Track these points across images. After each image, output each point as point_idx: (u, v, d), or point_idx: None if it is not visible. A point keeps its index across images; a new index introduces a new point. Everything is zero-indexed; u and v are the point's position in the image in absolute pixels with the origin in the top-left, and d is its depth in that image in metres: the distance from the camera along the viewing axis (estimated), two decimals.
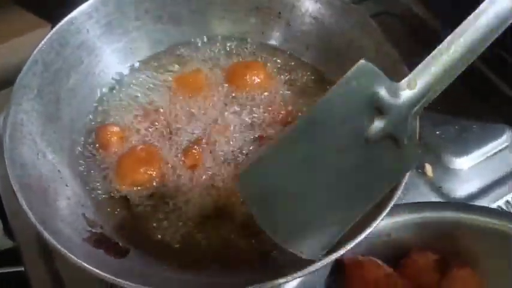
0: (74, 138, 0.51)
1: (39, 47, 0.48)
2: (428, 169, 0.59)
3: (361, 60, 0.37)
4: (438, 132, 0.62)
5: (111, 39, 0.56)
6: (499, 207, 0.56)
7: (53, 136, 0.48)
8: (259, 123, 0.53)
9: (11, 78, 0.46)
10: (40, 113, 0.47)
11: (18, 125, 0.44)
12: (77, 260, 0.36)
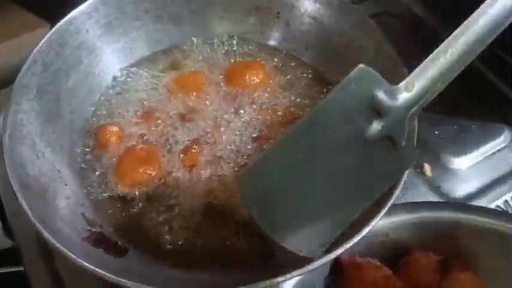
0: (73, 138, 0.51)
1: (38, 47, 0.48)
2: (427, 169, 0.59)
3: (360, 65, 0.38)
4: (437, 132, 0.62)
5: (111, 39, 0.56)
6: (497, 207, 0.56)
7: (53, 136, 0.48)
8: (258, 123, 0.53)
9: (10, 78, 0.46)
10: (39, 113, 0.47)
11: (17, 124, 0.44)
12: (76, 258, 0.36)
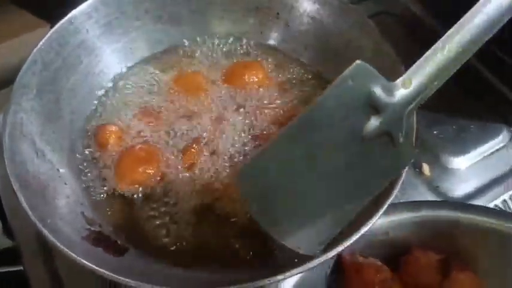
0: (73, 137, 0.51)
1: (38, 47, 0.48)
2: (426, 168, 0.59)
3: (357, 61, 0.38)
4: (436, 131, 0.62)
5: (111, 39, 0.56)
6: (496, 207, 0.56)
7: (52, 136, 0.48)
8: (258, 122, 0.53)
9: (10, 78, 0.46)
10: (39, 113, 0.47)
11: (17, 124, 0.44)
12: (76, 257, 0.36)
